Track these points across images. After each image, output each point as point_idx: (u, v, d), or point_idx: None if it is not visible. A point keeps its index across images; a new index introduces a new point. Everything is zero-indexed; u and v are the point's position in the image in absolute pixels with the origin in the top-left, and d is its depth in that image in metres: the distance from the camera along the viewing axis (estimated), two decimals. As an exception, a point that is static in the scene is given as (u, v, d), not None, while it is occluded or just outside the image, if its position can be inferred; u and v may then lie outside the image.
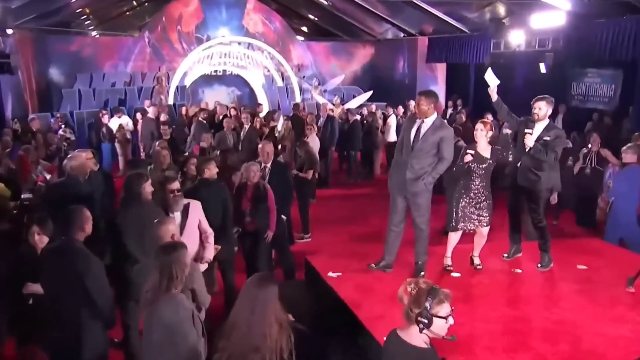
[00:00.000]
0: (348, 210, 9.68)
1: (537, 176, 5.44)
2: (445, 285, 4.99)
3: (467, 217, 5.38)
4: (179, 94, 16.40)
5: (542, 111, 5.40)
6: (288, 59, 18.61)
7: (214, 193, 5.12)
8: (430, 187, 5.11)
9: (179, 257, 3.02)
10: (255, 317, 2.57)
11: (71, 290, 3.23)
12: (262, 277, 2.75)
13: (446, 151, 5.02)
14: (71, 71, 16.05)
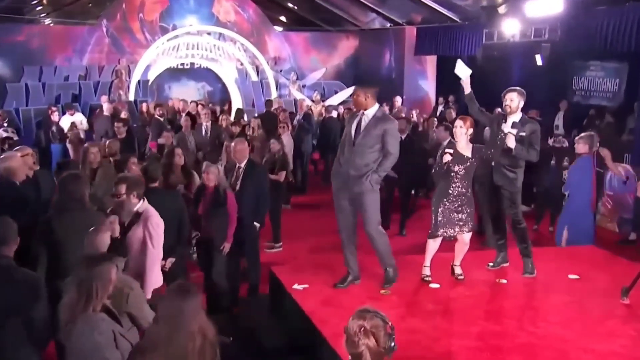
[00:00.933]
0: (324, 218, 9.60)
1: (514, 173, 5.54)
2: (423, 297, 5.13)
3: (447, 222, 5.39)
4: (140, 90, 16.29)
5: (514, 103, 5.49)
6: (264, 51, 18.59)
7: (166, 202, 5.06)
8: (376, 186, 5.10)
9: (101, 272, 2.93)
10: (176, 332, 2.55)
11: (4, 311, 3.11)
12: (182, 287, 2.73)
13: (391, 145, 5.02)
14: (18, 64, 15.86)
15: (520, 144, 5.41)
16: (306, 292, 5.16)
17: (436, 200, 5.45)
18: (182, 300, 2.61)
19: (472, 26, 14.47)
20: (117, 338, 2.94)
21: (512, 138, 5.40)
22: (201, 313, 2.67)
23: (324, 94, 17.46)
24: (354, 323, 2.49)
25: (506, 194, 5.63)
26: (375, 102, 5.10)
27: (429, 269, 5.56)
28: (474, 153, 5.34)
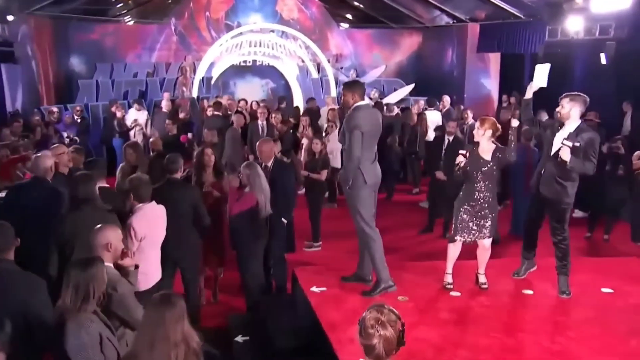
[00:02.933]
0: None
1: (564, 186, 5.19)
2: (440, 305, 5.06)
3: (466, 227, 5.28)
4: (204, 86, 16.71)
5: (564, 110, 5.16)
6: (325, 48, 18.67)
7: (183, 194, 5.22)
8: (346, 185, 5.19)
9: (96, 273, 3.06)
10: (159, 341, 2.62)
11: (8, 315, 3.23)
12: (164, 297, 2.79)
13: (349, 142, 5.06)
14: (91, 61, 16.70)
15: (575, 156, 5.02)
16: (322, 295, 5.20)
17: (457, 204, 5.35)
18: (164, 310, 2.68)
19: (535, 23, 13.99)
20: (104, 342, 3.03)
21: (566, 150, 5.00)
22: (184, 322, 2.72)
23: (383, 92, 17.32)
24: (371, 315, 2.61)
25: (553, 208, 5.32)
26: (363, 99, 5.21)
27: (451, 277, 5.47)
28: (494, 156, 5.20)
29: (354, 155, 5.04)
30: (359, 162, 5.08)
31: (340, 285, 5.43)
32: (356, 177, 5.11)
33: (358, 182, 5.13)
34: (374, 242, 5.21)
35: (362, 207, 5.21)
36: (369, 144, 5.16)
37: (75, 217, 4.33)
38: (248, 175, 5.76)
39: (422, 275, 5.72)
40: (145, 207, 4.55)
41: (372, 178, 5.25)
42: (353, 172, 5.10)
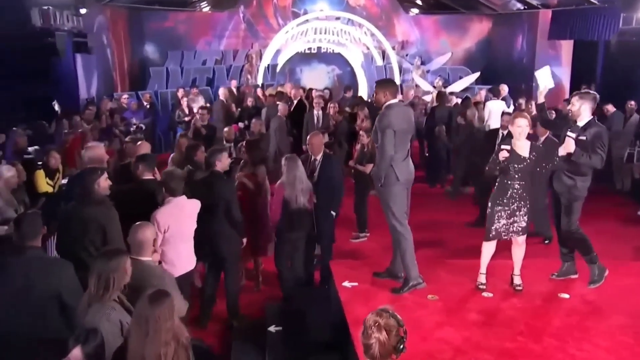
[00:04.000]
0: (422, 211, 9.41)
1: (573, 180, 5.28)
2: (469, 306, 5.06)
3: (502, 224, 5.24)
4: (269, 74, 17.02)
5: (574, 107, 5.22)
6: (391, 34, 18.57)
7: (220, 187, 5.46)
8: (378, 183, 5.21)
9: (119, 265, 3.29)
10: (149, 337, 2.78)
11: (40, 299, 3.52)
12: (155, 295, 2.94)
13: (380, 140, 5.10)
14: (164, 49, 17.36)
15: (582, 149, 5.12)
16: (353, 290, 5.30)
17: (491, 201, 5.30)
18: (154, 308, 2.85)
19: (609, 9, 13.31)
20: (124, 328, 3.21)
21: (570, 142, 5.17)
22: (174, 319, 2.90)
23: (447, 80, 17.03)
24: (371, 317, 2.72)
25: (563, 201, 5.40)
26: (395, 97, 5.22)
27: (484, 277, 5.44)
28: (531, 152, 5.12)
29: (387, 154, 5.09)
30: (391, 160, 5.13)
31: (372, 280, 5.51)
32: (388, 174, 5.17)
33: (390, 179, 5.19)
34: (404, 239, 5.26)
35: (394, 204, 5.26)
36: (401, 142, 5.20)
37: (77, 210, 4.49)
38: (284, 167, 5.94)
39: (458, 274, 5.70)
40: (174, 200, 4.76)
41: (404, 175, 5.28)
42: (385, 169, 5.15)
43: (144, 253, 3.78)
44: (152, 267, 3.86)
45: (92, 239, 4.24)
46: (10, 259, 3.61)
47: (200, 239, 5.46)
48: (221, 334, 5.71)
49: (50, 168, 6.52)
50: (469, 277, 5.55)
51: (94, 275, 3.28)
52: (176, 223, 4.70)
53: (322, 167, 6.33)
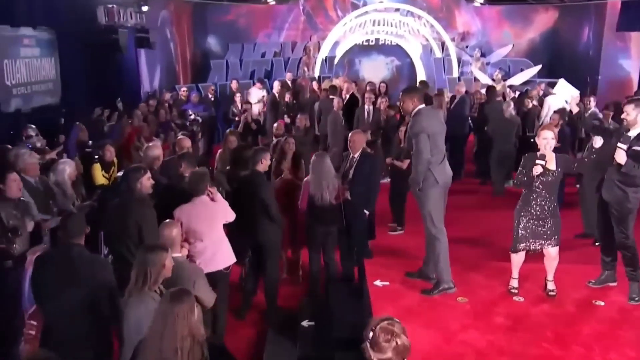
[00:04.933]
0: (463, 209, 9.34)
1: (624, 192, 5.15)
2: (498, 310, 5.11)
3: (529, 236, 5.22)
4: (326, 66, 17.16)
5: (630, 116, 5.08)
6: (452, 26, 18.31)
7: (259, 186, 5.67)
8: (416, 187, 5.32)
9: (156, 259, 3.55)
10: (167, 332, 2.99)
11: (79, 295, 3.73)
12: (176, 293, 3.14)
13: (416, 145, 5.19)
14: (224, 41, 17.79)
15: (634, 159, 4.99)
16: (383, 290, 5.45)
17: (517, 213, 5.29)
18: (174, 306, 3.05)
19: (681, 1, 12.65)
20: None
21: (621, 153, 5.04)
22: (192, 317, 3.08)
23: (508, 72, 16.67)
24: (382, 330, 2.71)
25: (614, 213, 5.27)
26: (422, 103, 5.28)
27: (516, 281, 5.46)
28: (558, 164, 5.07)
29: (423, 158, 5.18)
30: (428, 164, 5.21)
31: (403, 280, 5.63)
32: (427, 178, 5.26)
33: (429, 182, 5.27)
34: (439, 243, 5.34)
35: (433, 207, 5.34)
36: (436, 145, 5.27)
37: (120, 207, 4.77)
38: (311, 163, 6.08)
39: (491, 277, 5.74)
40: (195, 200, 4.93)
41: (442, 177, 5.36)
42: (423, 174, 5.25)
43: (174, 249, 4.03)
44: (182, 261, 4.11)
45: (130, 235, 4.54)
46: (56, 254, 3.95)
47: (242, 233, 5.74)
48: (258, 324, 5.95)
49: (106, 161, 6.94)
50: (503, 281, 5.59)
51: (134, 267, 3.58)
52: (190, 221, 4.85)
53: (358, 165, 6.45)
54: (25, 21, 8.75)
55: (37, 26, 9.04)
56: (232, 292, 5.77)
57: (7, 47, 8.28)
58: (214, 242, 4.96)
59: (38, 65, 9.07)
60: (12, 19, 8.40)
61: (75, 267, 3.74)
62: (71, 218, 3.98)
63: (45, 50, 9.30)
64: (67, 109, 9.44)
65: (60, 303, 3.73)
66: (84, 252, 3.82)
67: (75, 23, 9.93)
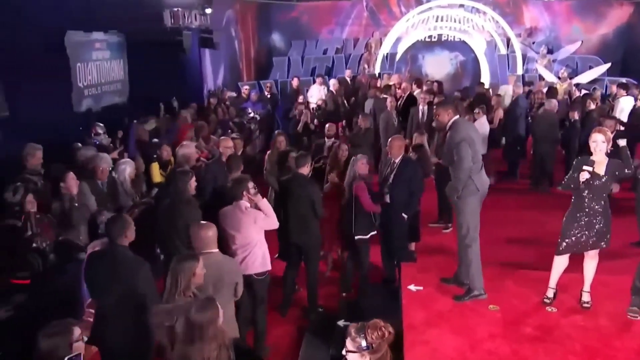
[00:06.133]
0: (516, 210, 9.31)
1: None
2: (528, 320, 5.16)
3: (575, 239, 5.24)
4: (387, 63, 17.21)
5: None
6: (519, 21, 17.94)
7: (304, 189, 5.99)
8: (454, 195, 5.36)
9: (186, 268, 3.87)
10: (197, 341, 3.26)
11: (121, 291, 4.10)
12: (204, 302, 3.42)
13: (458, 155, 5.24)
14: (288, 38, 18.18)
15: None
16: (416, 294, 5.60)
17: (566, 217, 5.32)
18: (202, 313, 3.34)
19: None
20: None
21: None
22: (218, 322, 3.37)
23: (575, 70, 16.18)
24: (372, 330, 2.99)
25: None
26: (457, 114, 5.41)
27: (552, 291, 5.47)
28: (607, 169, 5.05)
29: (465, 167, 5.29)
30: (470, 173, 5.33)
31: (437, 285, 5.75)
32: (467, 185, 5.36)
33: (469, 190, 5.38)
34: (471, 250, 5.44)
35: (471, 215, 5.45)
36: (475, 153, 5.38)
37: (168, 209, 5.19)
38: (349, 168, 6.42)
39: (527, 286, 5.77)
40: (236, 203, 5.21)
41: (482, 185, 5.47)
42: (464, 182, 5.35)
43: (212, 247, 4.36)
44: (221, 255, 4.46)
45: (179, 235, 4.93)
46: (103, 253, 4.39)
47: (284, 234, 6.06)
48: (299, 321, 6.26)
49: (163, 160, 7.42)
50: (539, 290, 5.60)
51: (168, 275, 3.93)
52: (225, 224, 5.16)
53: (399, 170, 6.62)
54: (98, 26, 9.38)
55: (108, 30, 9.66)
56: (275, 288, 6.11)
57: (80, 51, 8.93)
58: (242, 247, 5.21)
59: (108, 67, 9.72)
60: (86, 25, 9.03)
61: (117, 267, 4.13)
62: (113, 221, 4.35)
63: (115, 52, 9.94)
64: (133, 107, 10.06)
65: (106, 297, 4.16)
66: (126, 253, 4.18)
67: (143, 26, 10.51)
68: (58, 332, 3.02)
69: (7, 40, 6.85)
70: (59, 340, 2.98)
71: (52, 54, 8.07)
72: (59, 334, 3.01)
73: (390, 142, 6.84)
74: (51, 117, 7.95)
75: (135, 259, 4.15)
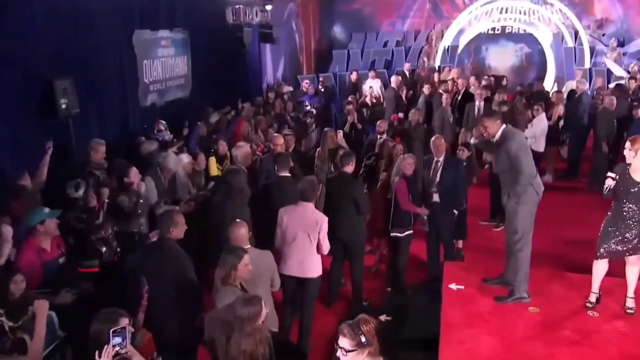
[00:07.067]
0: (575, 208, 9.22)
1: None
2: (568, 324, 5.24)
3: (614, 244, 5.25)
4: (448, 56, 17.06)
5: None
6: (589, 12, 17.43)
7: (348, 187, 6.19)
8: (521, 205, 5.35)
9: (235, 261, 4.15)
10: (238, 333, 3.47)
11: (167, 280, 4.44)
12: (246, 299, 3.63)
13: (517, 164, 5.25)
14: (349, 30, 18.31)
15: None
16: (457, 293, 5.72)
17: (605, 222, 5.34)
18: (244, 309, 3.53)
19: None
20: None
21: None
22: (259, 319, 3.56)
23: (647, 64, 15.53)
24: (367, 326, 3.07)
25: None
26: (502, 124, 5.43)
27: (595, 296, 5.48)
28: None
29: (527, 172, 5.34)
30: (531, 178, 5.41)
31: (479, 285, 5.85)
32: (526, 191, 5.41)
33: (530, 196, 5.44)
34: (523, 254, 5.50)
35: (528, 220, 5.50)
36: (530, 159, 5.48)
37: (219, 205, 5.52)
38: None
39: (572, 289, 5.78)
40: (300, 204, 5.42)
41: (540, 189, 5.55)
42: (525, 187, 5.40)
43: (245, 244, 4.63)
44: (256, 251, 4.74)
45: (226, 229, 5.24)
46: (154, 245, 4.77)
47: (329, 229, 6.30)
48: (342, 314, 6.49)
49: (219, 155, 7.80)
50: (583, 294, 5.61)
51: (218, 267, 4.24)
52: (288, 220, 5.40)
53: (443, 169, 6.75)
54: (164, 24, 9.86)
55: (173, 28, 10.14)
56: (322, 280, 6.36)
57: (147, 49, 9.41)
58: (300, 249, 5.41)
59: (172, 63, 10.18)
60: (153, 24, 9.52)
61: (163, 259, 4.51)
62: (163, 216, 4.73)
63: (180, 49, 10.39)
64: (195, 101, 10.53)
65: (155, 286, 4.56)
66: (173, 247, 4.54)
67: (206, 23, 10.98)
68: (105, 319, 3.26)
69: (80, 42, 7.36)
70: (104, 327, 3.18)
71: (121, 53, 8.59)
72: (105, 321, 3.24)
73: (434, 142, 6.96)
74: (118, 112, 8.52)
75: (180, 253, 4.49)
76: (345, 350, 3.02)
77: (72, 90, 6.94)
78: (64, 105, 6.84)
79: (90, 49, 7.62)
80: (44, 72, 6.72)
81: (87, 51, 7.54)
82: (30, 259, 4.76)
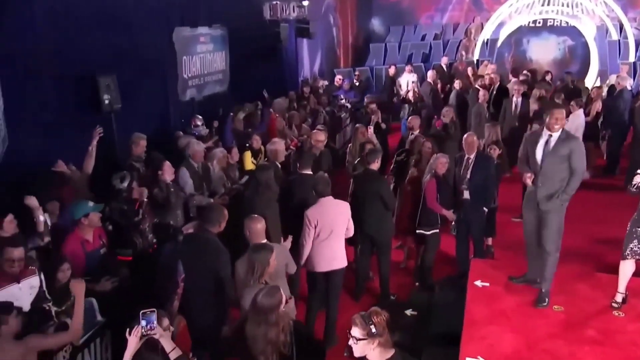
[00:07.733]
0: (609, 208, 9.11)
1: None
2: (592, 323, 5.31)
3: (636, 244, 5.25)
4: (487, 49, 16.91)
5: None
6: (635, 4, 16.98)
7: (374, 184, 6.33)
8: (564, 205, 5.32)
9: (261, 257, 4.30)
10: (263, 323, 3.63)
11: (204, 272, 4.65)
12: (269, 290, 3.76)
13: (578, 163, 5.20)
14: (387, 24, 18.32)
15: None
16: (482, 290, 5.80)
17: (631, 222, 5.33)
18: (266, 299, 3.68)
19: None
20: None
21: None
22: (280, 308, 3.70)
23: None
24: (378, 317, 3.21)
25: None
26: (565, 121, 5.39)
27: (621, 296, 5.48)
28: None
29: (582, 170, 5.34)
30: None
31: (505, 283, 5.91)
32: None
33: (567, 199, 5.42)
34: (554, 257, 5.51)
35: (562, 222, 5.49)
36: None
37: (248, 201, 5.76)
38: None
39: (598, 288, 5.79)
40: (322, 200, 5.57)
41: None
42: (576, 188, 5.38)
43: (261, 238, 4.78)
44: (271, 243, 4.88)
45: None
46: (192, 238, 5.01)
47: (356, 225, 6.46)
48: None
49: (254, 149, 8.04)
50: (609, 294, 5.61)
51: (246, 264, 4.43)
52: (322, 219, 5.51)
53: (474, 166, 6.79)
54: (203, 21, 10.15)
55: (212, 25, 10.42)
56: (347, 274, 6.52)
57: (187, 45, 9.71)
58: (322, 245, 5.55)
59: (211, 58, 10.48)
60: (193, 21, 9.82)
61: (202, 250, 4.73)
62: (209, 209, 4.94)
63: (218, 45, 10.68)
64: (233, 96, 10.81)
65: (192, 275, 4.80)
66: (212, 240, 4.75)
67: (244, 19, 11.23)
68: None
69: (123, 40, 7.68)
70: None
71: (162, 50, 8.91)
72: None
73: (465, 139, 6.98)
74: (158, 107, 8.85)
75: (219, 246, 4.71)
76: (356, 339, 3.16)
77: (114, 86, 7.28)
78: (107, 100, 7.18)
79: (132, 46, 7.94)
80: (88, 69, 7.06)
81: (129, 49, 7.86)
82: (74, 249, 5.05)
